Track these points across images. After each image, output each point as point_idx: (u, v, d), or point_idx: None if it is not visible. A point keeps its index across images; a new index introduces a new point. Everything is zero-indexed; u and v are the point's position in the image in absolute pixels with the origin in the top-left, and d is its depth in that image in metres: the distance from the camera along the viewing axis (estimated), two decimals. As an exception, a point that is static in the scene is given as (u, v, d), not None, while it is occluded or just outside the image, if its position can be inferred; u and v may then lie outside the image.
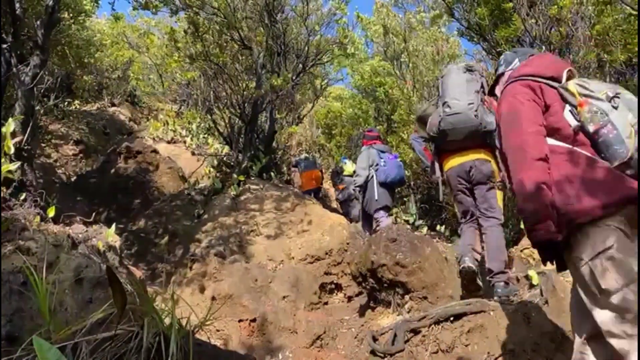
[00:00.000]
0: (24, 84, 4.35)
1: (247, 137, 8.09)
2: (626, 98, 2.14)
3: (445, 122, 4.00)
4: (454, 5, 6.74)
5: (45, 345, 1.66)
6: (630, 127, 2.06)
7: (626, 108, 2.10)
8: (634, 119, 2.06)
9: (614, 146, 2.06)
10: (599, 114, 2.12)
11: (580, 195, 2.05)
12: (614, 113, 2.11)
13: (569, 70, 2.38)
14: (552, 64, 2.46)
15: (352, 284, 5.29)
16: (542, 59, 2.53)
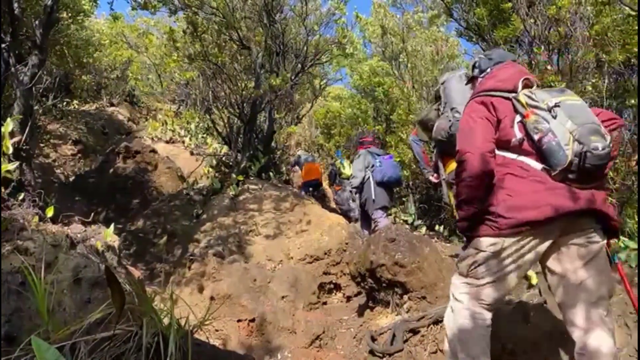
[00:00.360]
0: (23, 84, 4.35)
1: (246, 137, 8.09)
2: (567, 105, 2.32)
3: (455, 126, 4.03)
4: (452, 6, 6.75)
5: (43, 345, 1.66)
6: (568, 134, 2.22)
7: (566, 116, 2.27)
8: (573, 125, 2.22)
9: (555, 154, 2.24)
10: (541, 124, 2.30)
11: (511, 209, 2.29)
12: (554, 122, 2.28)
13: (524, 80, 2.54)
14: (512, 75, 2.60)
15: (351, 284, 5.29)
16: (504, 72, 2.67)
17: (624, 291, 3.43)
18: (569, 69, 4.95)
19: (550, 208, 2.22)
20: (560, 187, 2.26)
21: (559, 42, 4.94)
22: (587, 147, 2.18)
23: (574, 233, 2.31)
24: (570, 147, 2.21)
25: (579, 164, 2.20)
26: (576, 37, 4.86)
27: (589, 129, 2.22)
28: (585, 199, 2.24)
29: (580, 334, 2.28)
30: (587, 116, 2.29)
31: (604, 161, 2.21)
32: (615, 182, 4.18)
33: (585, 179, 2.25)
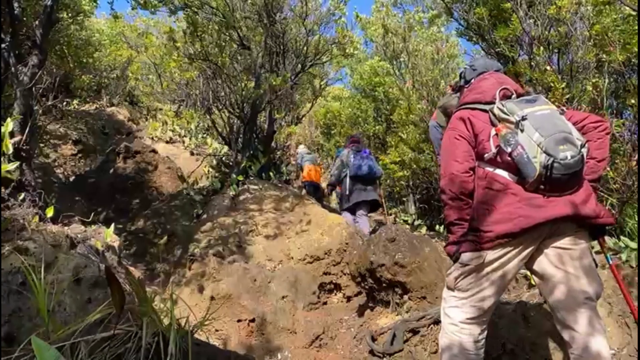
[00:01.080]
0: (23, 84, 4.35)
1: (246, 137, 8.09)
2: (535, 116, 2.38)
3: None
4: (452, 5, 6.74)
5: (43, 345, 1.66)
6: (536, 147, 2.28)
7: (533, 128, 2.33)
8: (539, 137, 2.28)
9: (525, 166, 2.31)
10: (511, 137, 2.38)
11: (489, 223, 2.38)
12: (521, 135, 2.35)
13: (502, 90, 2.60)
14: (490, 87, 2.67)
15: (351, 284, 5.29)
16: (483, 83, 2.74)
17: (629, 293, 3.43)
18: (569, 69, 4.96)
19: (523, 220, 2.29)
20: (534, 198, 2.33)
21: (559, 42, 4.94)
22: (554, 158, 2.24)
23: (556, 237, 2.37)
24: (538, 159, 2.27)
25: (547, 174, 2.27)
26: (576, 37, 4.85)
27: (556, 139, 2.27)
28: (562, 206, 2.30)
29: (573, 335, 2.31)
30: (556, 126, 2.34)
31: (576, 168, 2.27)
32: (615, 181, 4.18)
33: (558, 188, 2.32)
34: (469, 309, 2.46)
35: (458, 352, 2.46)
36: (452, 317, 2.51)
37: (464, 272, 2.47)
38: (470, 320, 2.47)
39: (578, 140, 2.31)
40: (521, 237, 2.34)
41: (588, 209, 2.33)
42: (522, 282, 4.07)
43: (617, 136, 4.43)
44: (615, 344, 3.21)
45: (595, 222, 2.36)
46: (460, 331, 2.47)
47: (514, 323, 3.50)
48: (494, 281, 2.41)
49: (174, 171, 9.44)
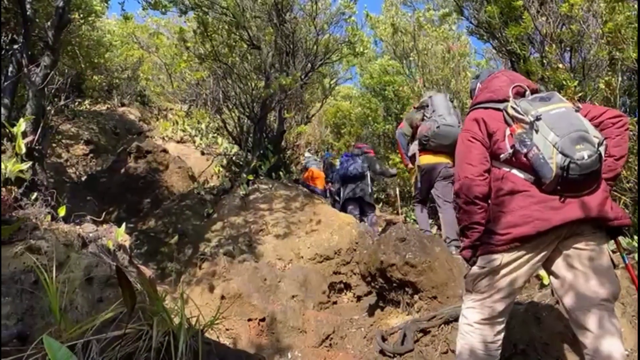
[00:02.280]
0: (35, 85, 4.38)
1: (256, 137, 8.10)
2: (549, 115, 2.33)
3: (441, 128, 5.32)
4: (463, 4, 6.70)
5: (55, 344, 1.67)
6: (551, 147, 2.25)
7: (548, 128, 2.29)
8: (555, 137, 2.24)
9: (541, 167, 2.27)
10: (526, 138, 2.34)
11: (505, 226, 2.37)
12: (536, 136, 2.31)
13: (515, 87, 2.58)
14: (502, 85, 2.65)
15: (361, 284, 5.28)
16: (495, 82, 2.72)
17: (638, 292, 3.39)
18: (581, 67, 4.91)
19: (540, 222, 2.27)
20: (550, 200, 2.30)
21: (571, 40, 4.89)
22: (571, 159, 2.20)
23: (573, 238, 2.34)
24: (554, 160, 2.23)
25: (564, 175, 2.23)
26: (589, 35, 4.80)
27: (571, 138, 2.23)
28: (578, 208, 2.27)
29: (588, 336, 2.28)
30: (571, 125, 2.29)
31: (593, 168, 2.21)
32: (629, 180, 4.13)
33: (575, 188, 2.28)
34: (484, 310, 2.47)
35: (470, 352, 2.47)
36: (468, 318, 2.53)
37: (482, 274, 2.47)
38: (485, 321, 2.47)
39: (595, 139, 2.26)
40: (538, 240, 2.32)
41: (605, 211, 2.29)
42: (534, 282, 4.04)
43: (631, 135, 4.37)
44: (630, 345, 3.17)
45: (613, 225, 2.32)
46: (474, 331, 2.48)
47: (526, 323, 3.48)
48: (509, 283, 2.41)
49: (185, 171, 9.47)
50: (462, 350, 2.52)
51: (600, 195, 2.32)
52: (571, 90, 4.43)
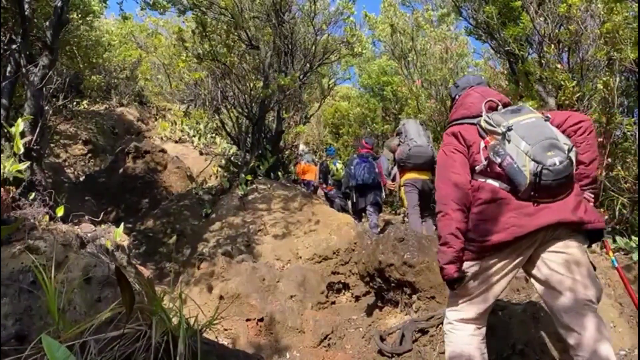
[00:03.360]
0: (33, 84, 4.38)
1: (255, 137, 8.10)
2: (520, 126, 2.45)
3: (412, 150, 6.10)
4: (461, 4, 6.70)
5: (54, 344, 1.67)
6: (524, 155, 2.35)
7: (519, 137, 2.40)
8: (527, 146, 2.35)
9: (516, 176, 2.36)
10: (499, 148, 2.45)
11: (483, 233, 2.45)
12: (509, 146, 2.42)
13: (487, 102, 2.69)
14: (475, 101, 2.76)
15: (359, 284, 5.28)
16: (468, 98, 2.82)
17: (636, 292, 3.40)
18: (579, 68, 4.91)
19: (516, 229, 2.35)
20: (525, 206, 2.38)
21: (569, 40, 4.90)
22: (543, 165, 2.29)
23: (552, 242, 2.41)
24: (528, 168, 2.33)
25: (538, 181, 2.31)
26: (587, 35, 4.81)
27: (542, 146, 2.33)
28: (552, 213, 2.34)
29: (576, 338, 2.31)
30: (542, 133, 2.40)
31: (565, 173, 2.31)
32: (627, 180, 4.14)
33: (549, 194, 2.36)
34: (464, 312, 2.56)
35: (455, 349, 2.54)
36: (449, 317, 2.61)
37: (467, 285, 2.53)
38: (464, 320, 2.55)
39: (565, 145, 2.37)
40: (515, 245, 2.40)
41: (579, 215, 2.36)
42: (532, 283, 4.04)
43: (629, 135, 4.38)
44: (627, 345, 3.18)
45: (587, 228, 2.39)
46: (455, 328, 2.57)
47: (524, 323, 3.48)
48: (490, 286, 2.50)
49: (183, 171, 9.48)
50: (448, 348, 2.59)
51: (574, 200, 2.40)
52: (569, 90, 4.44)
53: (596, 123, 4.42)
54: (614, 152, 4.38)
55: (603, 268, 3.73)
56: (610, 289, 3.53)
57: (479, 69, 11.79)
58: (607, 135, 4.28)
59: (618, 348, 3.19)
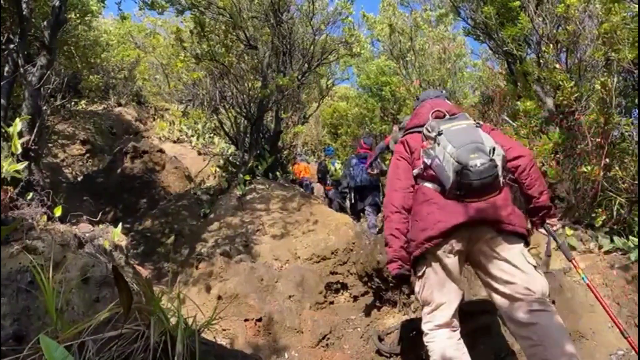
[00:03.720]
0: (31, 84, 4.37)
1: (253, 137, 8.10)
2: (450, 131, 2.66)
3: None
4: (460, 4, 6.71)
5: (51, 344, 1.67)
6: (449, 157, 2.54)
7: (447, 141, 2.61)
8: (452, 148, 2.55)
9: (442, 175, 2.61)
10: (430, 150, 2.69)
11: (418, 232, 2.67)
12: (437, 148, 2.65)
13: (434, 112, 2.91)
14: (425, 111, 2.99)
15: (358, 284, 5.28)
16: (421, 109, 3.07)
17: (634, 291, 3.41)
18: (577, 68, 4.92)
19: (441, 224, 2.54)
20: (450, 204, 2.58)
21: (567, 41, 4.90)
22: (465, 166, 2.48)
23: (481, 241, 2.59)
24: (451, 168, 2.52)
25: (460, 181, 2.51)
26: (585, 36, 4.82)
27: (467, 149, 2.52)
28: (474, 211, 2.52)
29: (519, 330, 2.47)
30: (468, 137, 2.59)
31: (488, 174, 2.48)
32: (624, 181, 4.14)
33: (473, 194, 2.54)
34: (436, 318, 2.65)
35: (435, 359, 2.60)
36: (424, 329, 2.70)
37: (420, 284, 2.74)
38: (438, 326, 2.64)
39: (488, 148, 2.52)
40: (444, 240, 2.57)
41: (499, 215, 2.52)
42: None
43: (626, 135, 4.39)
44: (625, 345, 3.18)
45: (505, 228, 2.53)
46: (431, 337, 2.64)
47: (522, 323, 3.48)
48: (442, 281, 2.63)
49: (182, 171, 9.47)
50: (432, 358, 2.64)
51: (500, 202, 2.57)
52: (567, 90, 4.45)
53: (594, 123, 4.43)
54: (611, 153, 4.38)
55: (601, 268, 3.74)
56: (608, 289, 3.54)
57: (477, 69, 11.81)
58: (605, 135, 4.28)
59: (616, 348, 3.20)
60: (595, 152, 4.37)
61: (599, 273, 3.69)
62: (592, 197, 4.57)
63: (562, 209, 4.75)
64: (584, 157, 4.62)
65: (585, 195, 4.70)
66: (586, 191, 4.70)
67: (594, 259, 3.95)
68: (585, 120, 4.61)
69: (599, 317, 3.37)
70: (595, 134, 4.38)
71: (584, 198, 4.73)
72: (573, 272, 3.80)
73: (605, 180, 4.28)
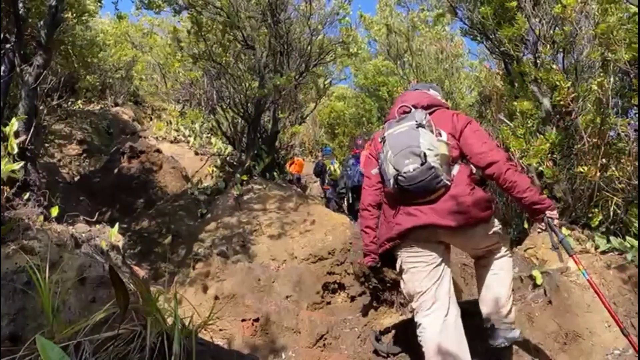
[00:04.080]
0: (27, 84, 4.35)
1: (250, 137, 8.09)
2: (392, 136, 2.80)
3: None
4: (457, 4, 6.71)
5: (48, 345, 1.66)
6: (389, 163, 2.71)
7: (388, 147, 2.76)
8: (391, 155, 2.71)
9: (386, 180, 2.78)
10: (381, 154, 2.83)
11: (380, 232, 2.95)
12: (382, 155, 2.81)
13: (400, 107, 2.98)
14: (394, 107, 3.06)
15: (355, 284, 5.28)
16: (393, 107, 3.11)
17: (630, 291, 3.42)
18: (574, 68, 4.93)
19: (399, 226, 2.74)
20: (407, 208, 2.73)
21: (564, 41, 4.91)
22: (399, 172, 2.63)
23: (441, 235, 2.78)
24: (391, 174, 2.68)
25: (398, 186, 2.66)
26: (581, 36, 4.82)
27: (403, 154, 2.65)
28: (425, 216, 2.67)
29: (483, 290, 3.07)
30: (405, 142, 2.70)
31: (421, 178, 2.59)
32: (621, 181, 4.15)
33: (413, 197, 2.68)
34: (420, 306, 2.79)
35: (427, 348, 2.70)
36: (416, 321, 2.82)
37: (401, 279, 2.91)
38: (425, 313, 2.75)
39: (428, 150, 2.62)
40: (403, 241, 2.80)
41: (448, 216, 2.64)
42: (527, 282, 4.06)
43: (623, 135, 4.40)
44: (621, 345, 3.19)
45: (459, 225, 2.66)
46: (422, 328, 2.75)
47: (519, 323, 3.49)
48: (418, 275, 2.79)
49: (179, 171, 9.46)
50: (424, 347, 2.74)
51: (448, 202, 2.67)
52: (564, 91, 4.46)
53: (591, 124, 4.44)
54: (608, 153, 4.39)
55: (597, 268, 3.75)
56: (604, 289, 3.54)
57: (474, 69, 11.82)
58: (601, 135, 4.29)
59: (612, 348, 3.20)
60: (591, 153, 4.38)
61: (595, 273, 3.70)
62: (588, 197, 4.58)
63: (558, 209, 4.76)
64: (581, 157, 4.63)
65: (582, 196, 4.71)
66: (583, 191, 4.71)
67: (591, 259, 3.96)
68: (582, 121, 4.62)
69: (596, 316, 3.38)
70: (592, 134, 4.39)
71: (580, 198, 4.74)
72: (569, 272, 3.81)
73: (601, 181, 4.28)
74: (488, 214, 2.75)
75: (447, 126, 2.85)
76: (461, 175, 2.74)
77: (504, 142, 5.14)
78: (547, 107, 4.98)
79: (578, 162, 4.63)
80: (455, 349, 2.60)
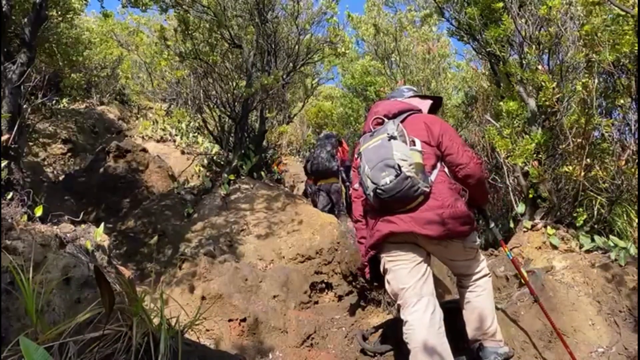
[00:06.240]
0: (11, 82, 4.30)
1: (238, 136, 8.06)
2: (367, 151, 2.91)
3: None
4: (444, 5, 6.74)
5: (32, 346, 1.64)
6: (367, 177, 2.82)
7: (365, 161, 2.87)
8: (368, 169, 2.81)
9: (365, 192, 2.89)
10: (360, 169, 2.95)
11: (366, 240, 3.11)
12: (360, 169, 2.92)
13: (374, 120, 3.11)
14: (368, 119, 3.20)
15: (342, 283, 5.29)
16: (369, 117, 3.24)
17: (613, 290, 3.47)
18: (559, 69, 4.98)
19: (378, 233, 2.88)
20: (385, 216, 2.85)
21: (549, 43, 4.96)
22: (377, 185, 2.72)
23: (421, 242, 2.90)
24: (370, 187, 2.78)
25: (377, 199, 2.77)
26: (567, 37, 4.87)
27: (378, 168, 2.74)
28: (404, 224, 2.77)
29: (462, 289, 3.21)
30: (379, 156, 2.79)
31: (398, 189, 2.68)
32: (605, 181, 4.21)
33: (393, 207, 2.79)
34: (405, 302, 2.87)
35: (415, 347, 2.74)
36: (403, 317, 2.87)
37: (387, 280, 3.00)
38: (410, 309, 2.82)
39: (402, 161, 2.71)
40: (383, 247, 2.95)
41: (427, 230, 2.73)
42: (512, 281, 4.09)
43: (607, 136, 4.46)
44: (605, 342, 3.23)
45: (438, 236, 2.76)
46: (409, 324, 2.80)
47: (505, 322, 3.52)
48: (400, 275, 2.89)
49: (165, 170, 9.39)
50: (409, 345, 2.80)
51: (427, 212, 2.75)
52: (549, 91, 4.50)
53: (575, 124, 4.49)
54: (592, 153, 4.45)
55: (582, 267, 3.79)
56: (588, 288, 3.59)
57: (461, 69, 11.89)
58: (586, 136, 4.34)
59: (596, 345, 3.24)
60: (576, 153, 4.43)
61: (579, 272, 3.74)
62: (573, 197, 4.63)
63: (544, 209, 4.81)
64: (566, 157, 4.68)
65: (567, 195, 4.77)
66: (568, 191, 4.77)
67: (575, 257, 4.01)
68: (567, 121, 4.67)
69: (580, 315, 3.42)
70: (577, 134, 4.44)
71: (565, 198, 4.79)
72: (555, 271, 3.85)
73: (586, 180, 4.34)
74: (467, 229, 2.85)
75: (420, 134, 2.96)
76: (442, 186, 2.84)
77: (490, 142, 5.17)
78: (533, 108, 5.03)
79: (563, 162, 4.69)
80: (439, 348, 2.64)
